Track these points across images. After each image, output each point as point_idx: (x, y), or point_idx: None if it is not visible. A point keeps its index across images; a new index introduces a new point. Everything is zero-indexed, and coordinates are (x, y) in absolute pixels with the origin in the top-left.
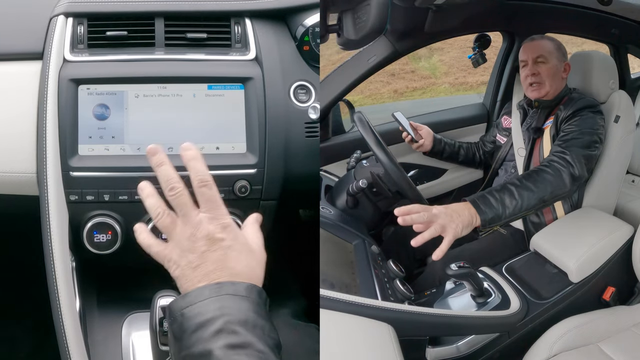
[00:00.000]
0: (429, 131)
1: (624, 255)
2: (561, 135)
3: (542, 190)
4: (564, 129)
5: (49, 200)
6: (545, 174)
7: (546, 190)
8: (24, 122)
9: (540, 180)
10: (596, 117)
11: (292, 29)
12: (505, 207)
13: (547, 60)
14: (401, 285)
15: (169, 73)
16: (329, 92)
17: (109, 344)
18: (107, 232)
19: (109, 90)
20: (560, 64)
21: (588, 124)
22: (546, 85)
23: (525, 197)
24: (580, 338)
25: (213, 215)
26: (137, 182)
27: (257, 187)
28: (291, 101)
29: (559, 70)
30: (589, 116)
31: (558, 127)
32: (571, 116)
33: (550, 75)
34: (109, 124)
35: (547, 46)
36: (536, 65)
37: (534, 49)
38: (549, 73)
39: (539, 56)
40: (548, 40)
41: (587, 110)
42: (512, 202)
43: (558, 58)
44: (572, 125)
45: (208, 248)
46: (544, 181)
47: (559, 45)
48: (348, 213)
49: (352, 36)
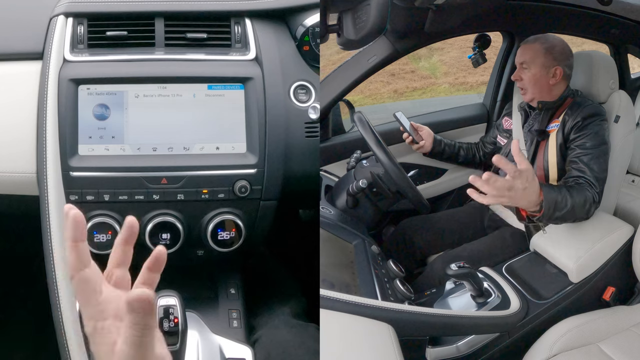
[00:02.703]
0: (430, 132)
1: (624, 255)
2: (577, 152)
3: (580, 208)
4: (578, 143)
5: (49, 200)
6: (588, 193)
7: (582, 209)
8: (23, 122)
9: (583, 198)
10: (604, 126)
11: (292, 29)
12: (557, 210)
13: (529, 67)
14: (401, 285)
15: (169, 73)
16: (329, 92)
17: None
18: (107, 232)
19: (109, 90)
20: (545, 70)
21: (600, 137)
22: (529, 92)
23: (571, 208)
24: (580, 338)
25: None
26: (137, 182)
27: (257, 187)
28: (291, 101)
29: (543, 77)
30: (599, 127)
31: (566, 134)
32: (580, 124)
33: (531, 83)
34: (109, 124)
35: (533, 52)
36: (520, 70)
37: (521, 53)
38: (530, 80)
39: (522, 62)
40: (539, 44)
41: (598, 120)
42: (563, 209)
43: (544, 64)
44: (585, 139)
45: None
46: (585, 201)
47: (550, 48)
48: (348, 213)
49: (352, 36)
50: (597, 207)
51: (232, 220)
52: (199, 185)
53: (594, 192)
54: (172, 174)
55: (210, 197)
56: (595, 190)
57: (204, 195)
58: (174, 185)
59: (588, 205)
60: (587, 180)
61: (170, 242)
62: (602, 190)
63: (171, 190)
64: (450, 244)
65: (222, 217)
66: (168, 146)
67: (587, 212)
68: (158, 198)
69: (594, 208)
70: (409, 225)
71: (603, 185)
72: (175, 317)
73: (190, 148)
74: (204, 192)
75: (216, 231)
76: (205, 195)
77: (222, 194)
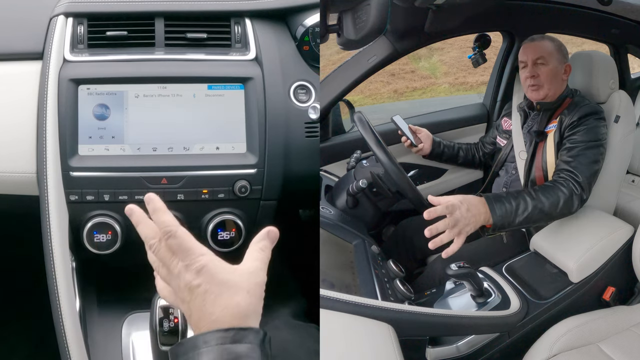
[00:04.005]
0: (428, 134)
1: (624, 255)
2: (568, 146)
3: (553, 207)
4: (570, 139)
5: (49, 200)
6: (560, 192)
7: (556, 208)
8: (23, 122)
9: (554, 197)
10: (600, 124)
11: (292, 29)
12: (517, 215)
13: (547, 62)
14: (401, 285)
15: (169, 73)
16: (329, 92)
17: (109, 344)
18: (107, 232)
19: (109, 90)
20: (561, 65)
21: (593, 133)
22: (545, 88)
23: (537, 211)
24: (580, 338)
25: (187, 262)
26: (137, 182)
27: (257, 187)
28: (291, 101)
29: (559, 72)
30: (594, 125)
31: (562, 133)
32: (576, 123)
33: (549, 78)
34: (109, 124)
35: (548, 47)
36: (535, 67)
37: (534, 50)
38: (549, 75)
39: (538, 57)
40: (549, 41)
41: (593, 118)
42: (524, 213)
43: (558, 59)
44: (577, 134)
45: (190, 298)
46: (557, 199)
47: (559, 46)
48: (348, 213)
49: (352, 36)
50: (582, 199)
51: (232, 220)
52: (199, 185)
53: (574, 185)
54: (172, 174)
55: (210, 197)
56: (577, 181)
57: (204, 195)
58: (174, 185)
59: (563, 202)
60: (569, 173)
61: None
62: (590, 182)
63: (171, 190)
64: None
65: (222, 217)
66: (168, 146)
67: (566, 207)
68: None
69: (578, 201)
70: (409, 225)
71: (592, 177)
72: (176, 317)
73: (190, 148)
74: (204, 192)
75: (216, 231)
76: (205, 195)
77: (222, 194)
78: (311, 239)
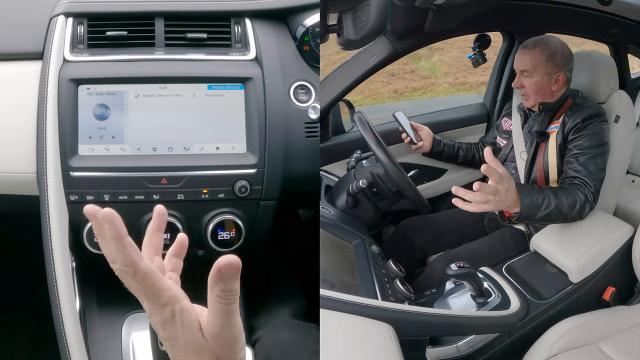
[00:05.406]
0: (429, 132)
1: (624, 255)
2: (575, 153)
3: (570, 210)
4: (576, 144)
5: (49, 201)
6: (577, 196)
7: (572, 211)
8: (24, 122)
9: (573, 200)
10: (604, 127)
11: (292, 29)
12: (540, 211)
13: (531, 75)
14: (401, 285)
15: (169, 73)
16: (329, 92)
17: (109, 344)
18: None
19: (109, 91)
20: (548, 77)
21: (599, 137)
22: (532, 99)
23: (557, 210)
24: (580, 338)
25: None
26: (137, 182)
27: (257, 187)
28: (291, 101)
29: (546, 84)
30: (598, 128)
31: (566, 135)
32: (580, 126)
33: (534, 90)
34: (109, 124)
35: (535, 58)
36: (521, 78)
37: (520, 60)
38: (533, 88)
39: (523, 70)
40: (540, 50)
41: (597, 121)
42: (546, 210)
43: (545, 71)
44: (583, 139)
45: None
46: (575, 202)
47: (553, 54)
48: (348, 213)
49: (352, 36)
50: (592, 207)
51: (232, 220)
52: (199, 185)
53: (588, 192)
54: (172, 174)
55: (210, 197)
56: (590, 190)
57: (204, 195)
58: (174, 185)
59: (579, 206)
60: (582, 181)
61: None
62: (599, 190)
63: (171, 190)
64: (450, 244)
65: (222, 217)
66: (168, 146)
67: (579, 212)
68: (158, 198)
69: (589, 208)
70: (409, 225)
71: (600, 185)
72: None
73: (190, 148)
74: (204, 192)
75: (216, 231)
76: (205, 195)
77: (222, 194)
78: (311, 239)
